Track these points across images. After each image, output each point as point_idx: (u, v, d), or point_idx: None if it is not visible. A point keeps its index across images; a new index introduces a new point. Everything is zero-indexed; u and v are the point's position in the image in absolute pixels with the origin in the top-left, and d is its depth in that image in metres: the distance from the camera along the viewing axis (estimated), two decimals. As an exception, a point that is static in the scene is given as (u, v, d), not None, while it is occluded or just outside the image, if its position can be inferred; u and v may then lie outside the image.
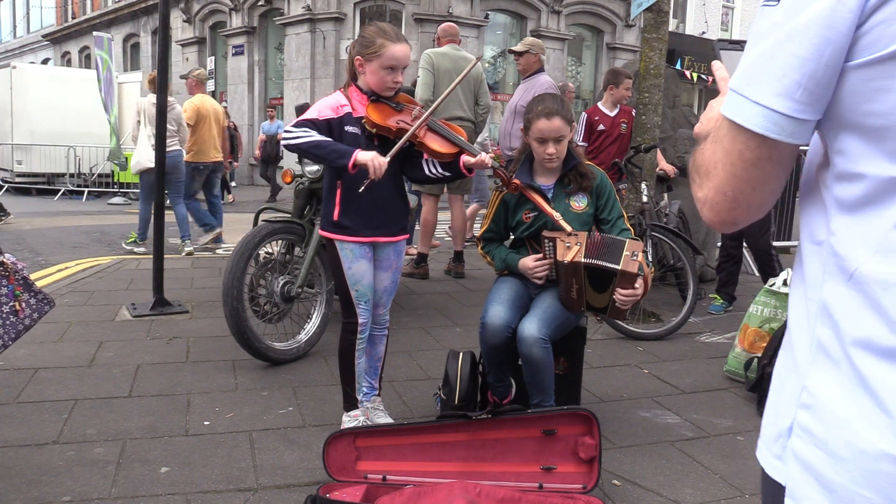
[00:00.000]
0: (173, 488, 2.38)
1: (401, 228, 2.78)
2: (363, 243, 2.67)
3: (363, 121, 2.60)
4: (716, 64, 1.06)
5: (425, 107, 2.73)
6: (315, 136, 2.53)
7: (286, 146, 2.59)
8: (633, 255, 2.63)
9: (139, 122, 7.03)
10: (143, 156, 6.96)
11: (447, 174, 2.72)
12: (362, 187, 2.49)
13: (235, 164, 15.55)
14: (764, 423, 0.89)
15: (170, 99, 7.12)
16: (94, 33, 18.38)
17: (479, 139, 6.29)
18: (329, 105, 2.64)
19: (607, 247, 2.68)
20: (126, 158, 14.90)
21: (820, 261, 0.82)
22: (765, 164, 0.81)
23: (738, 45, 1.06)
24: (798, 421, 0.81)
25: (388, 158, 2.51)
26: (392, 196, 2.70)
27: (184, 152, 7.09)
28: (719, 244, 6.54)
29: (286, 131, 2.59)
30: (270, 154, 14.09)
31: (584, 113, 5.74)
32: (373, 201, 2.63)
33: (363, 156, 2.47)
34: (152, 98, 7.00)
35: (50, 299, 2.53)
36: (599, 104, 5.68)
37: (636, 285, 2.62)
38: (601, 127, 5.55)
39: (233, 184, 17.52)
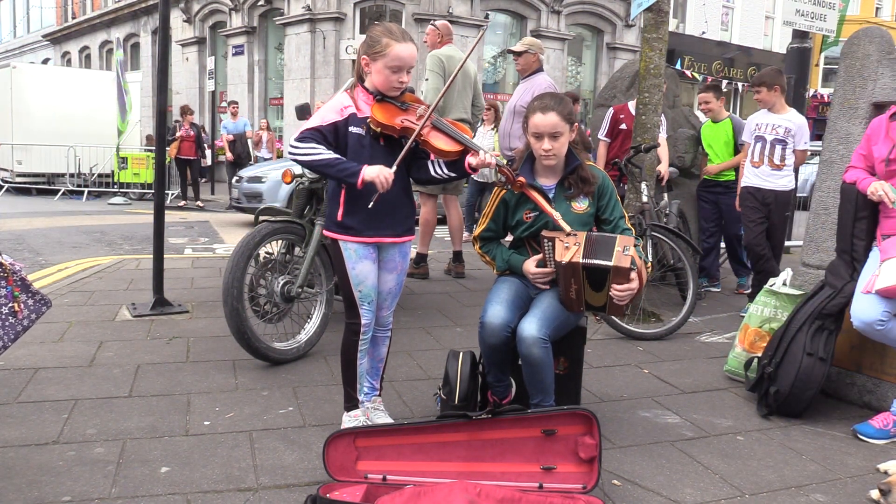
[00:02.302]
0: (173, 488, 2.38)
1: (406, 229, 2.76)
2: (367, 244, 2.66)
3: (368, 120, 2.59)
4: None
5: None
6: (322, 154, 2.53)
7: (294, 161, 2.61)
8: (625, 250, 2.63)
9: None
10: None
11: (452, 174, 2.70)
12: (371, 202, 2.50)
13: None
14: None
15: None
16: (116, 35, 18.51)
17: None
18: (333, 108, 2.63)
19: (599, 244, 2.68)
20: (126, 158, 14.98)
21: None
22: None
23: None
24: None
25: (394, 169, 2.51)
26: (398, 197, 2.68)
27: None
28: (721, 245, 6.52)
29: (293, 146, 2.58)
30: (241, 155, 13.11)
31: (611, 108, 5.72)
32: (378, 202, 2.63)
33: (370, 172, 2.48)
34: None
35: (47, 300, 2.53)
36: (630, 104, 5.61)
37: (630, 279, 2.62)
38: (623, 126, 5.52)
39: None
